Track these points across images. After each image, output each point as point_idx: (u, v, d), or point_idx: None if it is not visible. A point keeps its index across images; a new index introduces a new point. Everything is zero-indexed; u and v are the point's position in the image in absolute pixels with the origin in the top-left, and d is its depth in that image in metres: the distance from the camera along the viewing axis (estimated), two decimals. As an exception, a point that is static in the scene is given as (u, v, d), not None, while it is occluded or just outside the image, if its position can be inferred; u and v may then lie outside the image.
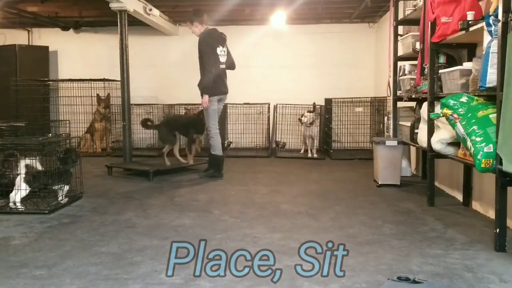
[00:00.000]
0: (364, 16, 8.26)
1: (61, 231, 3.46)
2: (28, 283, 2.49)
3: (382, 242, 3.18)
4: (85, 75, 8.36)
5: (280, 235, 3.35)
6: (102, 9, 7.21)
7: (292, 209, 4.13)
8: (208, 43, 5.45)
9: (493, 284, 2.46)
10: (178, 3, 7.50)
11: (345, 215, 3.91)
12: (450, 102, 3.34)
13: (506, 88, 2.73)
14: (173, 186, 5.19)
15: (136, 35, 8.45)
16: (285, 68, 8.94)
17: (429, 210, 4.05)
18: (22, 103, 8.05)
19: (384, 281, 2.37)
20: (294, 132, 8.36)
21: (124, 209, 4.14)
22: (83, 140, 7.94)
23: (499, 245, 2.95)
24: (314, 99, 7.92)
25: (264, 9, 7.64)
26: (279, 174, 6.07)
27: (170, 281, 2.51)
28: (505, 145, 2.76)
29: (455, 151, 3.78)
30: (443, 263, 2.76)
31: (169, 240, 3.20)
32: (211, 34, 5.54)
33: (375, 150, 5.39)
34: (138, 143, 8.39)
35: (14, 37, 9.12)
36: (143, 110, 8.46)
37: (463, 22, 3.53)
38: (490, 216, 3.71)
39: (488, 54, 2.99)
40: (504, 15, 2.79)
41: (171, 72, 9.06)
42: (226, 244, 3.13)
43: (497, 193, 2.92)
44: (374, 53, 8.73)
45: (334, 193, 4.82)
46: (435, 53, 4.18)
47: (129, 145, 6.87)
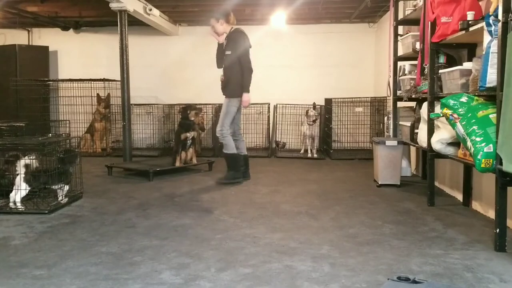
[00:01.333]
0: (364, 16, 8.26)
1: (61, 231, 3.46)
2: (28, 283, 2.49)
3: (382, 242, 3.18)
4: (85, 75, 8.37)
5: (280, 235, 3.35)
6: (102, 9, 7.21)
7: (292, 209, 4.13)
8: (246, 41, 5.34)
9: (493, 284, 2.46)
10: (178, 3, 7.50)
11: (345, 215, 3.91)
12: (450, 102, 3.34)
13: (506, 88, 2.73)
14: (173, 186, 5.19)
15: (136, 35, 8.46)
16: (285, 68, 8.94)
17: (429, 210, 4.05)
18: (22, 103, 8.05)
19: (384, 281, 2.37)
20: (294, 132, 8.37)
21: (124, 209, 4.14)
22: (83, 140, 7.94)
23: (499, 245, 2.95)
24: (314, 99, 7.92)
25: (264, 9, 7.64)
26: (279, 174, 6.07)
27: (170, 281, 2.51)
28: (505, 145, 2.76)
29: (455, 151, 3.78)
30: (443, 263, 2.76)
31: (169, 240, 3.21)
32: (246, 35, 5.42)
33: (375, 150, 5.40)
34: (138, 143, 8.39)
35: (14, 37, 9.13)
36: (143, 110, 8.47)
37: (463, 22, 3.53)
38: (490, 216, 3.71)
39: (488, 54, 2.99)
40: (504, 15, 2.79)
41: (171, 72, 9.07)
42: (226, 244, 3.13)
43: (497, 193, 2.92)
44: (374, 53, 8.73)
45: (334, 193, 4.82)
46: (435, 53, 4.18)
47: (129, 145, 6.88)
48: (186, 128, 6.16)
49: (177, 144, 6.16)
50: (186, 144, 6.16)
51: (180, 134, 6.14)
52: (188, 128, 6.17)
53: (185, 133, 6.13)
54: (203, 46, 8.95)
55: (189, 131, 6.17)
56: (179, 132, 6.17)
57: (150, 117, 8.56)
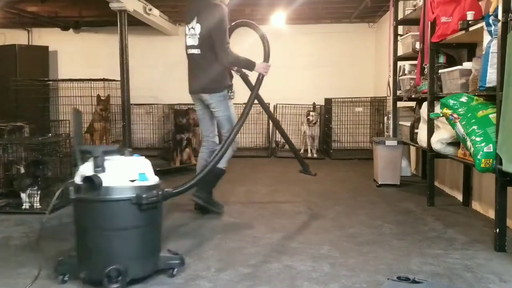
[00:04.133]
0: (364, 16, 8.26)
1: (61, 231, 3.46)
2: (28, 283, 2.49)
3: (382, 242, 3.18)
4: (85, 75, 8.34)
5: (280, 235, 3.35)
6: (102, 9, 7.19)
7: (292, 209, 4.13)
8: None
9: (492, 284, 2.46)
10: (178, 3, 7.50)
11: (345, 215, 3.91)
12: (450, 102, 3.34)
13: (506, 88, 2.73)
14: (173, 186, 5.17)
15: (136, 35, 8.44)
16: (285, 68, 8.92)
17: (429, 210, 4.05)
18: (22, 103, 8.04)
19: (384, 281, 2.37)
20: (294, 132, 8.35)
21: (124, 209, 4.13)
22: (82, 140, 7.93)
23: (499, 245, 2.95)
24: (314, 99, 7.92)
25: (264, 9, 7.64)
26: (279, 174, 6.07)
27: (170, 281, 2.51)
28: (505, 145, 2.76)
29: (455, 151, 3.78)
30: (443, 263, 2.77)
31: (169, 240, 3.21)
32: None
33: (375, 150, 5.40)
34: (138, 143, 8.38)
35: (14, 37, 9.12)
36: (143, 110, 8.46)
37: (463, 22, 3.53)
38: (490, 216, 3.71)
39: (488, 54, 2.99)
40: (504, 15, 2.79)
41: (171, 72, 9.05)
42: (226, 244, 3.13)
43: (497, 193, 2.92)
44: (374, 53, 8.72)
45: (334, 193, 4.82)
46: (435, 53, 4.18)
47: (129, 145, 6.87)
48: (180, 130, 6.43)
49: (174, 145, 6.44)
50: (182, 144, 6.38)
51: (175, 136, 6.45)
52: (181, 130, 6.39)
53: (180, 135, 6.40)
54: (203, 46, 8.98)
55: (183, 132, 6.38)
56: (174, 134, 6.51)
57: (150, 117, 8.56)
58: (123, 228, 2.38)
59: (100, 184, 2.30)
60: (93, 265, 2.38)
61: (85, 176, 2.33)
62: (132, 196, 2.34)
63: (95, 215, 2.38)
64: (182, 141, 6.35)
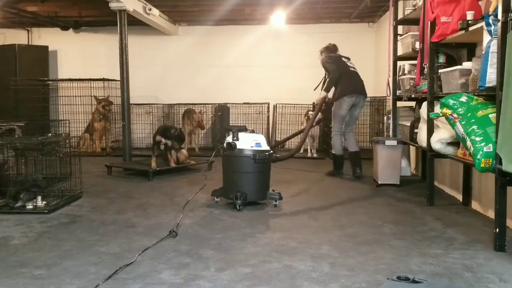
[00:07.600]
0: (364, 16, 8.26)
1: (61, 231, 3.46)
2: (28, 283, 2.49)
3: (382, 242, 3.18)
4: (85, 75, 8.36)
5: (280, 235, 3.35)
6: (102, 9, 7.20)
7: (292, 209, 4.13)
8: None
9: (492, 284, 2.47)
10: (178, 3, 7.50)
11: (345, 215, 3.91)
12: (449, 101, 3.34)
13: (505, 88, 2.73)
14: (173, 186, 5.19)
15: (135, 35, 8.45)
16: (285, 67, 8.93)
17: (429, 210, 4.06)
18: (22, 103, 8.04)
19: (383, 280, 2.37)
20: (294, 132, 8.35)
21: (124, 209, 4.14)
22: (82, 140, 7.93)
23: (499, 245, 2.95)
24: (314, 99, 7.90)
25: (263, 8, 7.64)
26: (279, 174, 6.06)
27: (170, 280, 2.51)
28: (504, 145, 2.76)
29: (454, 151, 3.78)
30: (442, 262, 2.77)
31: (169, 239, 3.21)
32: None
33: (374, 149, 5.40)
34: (138, 143, 8.38)
35: (14, 37, 9.13)
36: (143, 110, 8.47)
37: (462, 22, 3.53)
38: (490, 216, 3.71)
39: (487, 54, 2.99)
40: (504, 15, 2.79)
41: (171, 72, 9.06)
42: (226, 244, 3.13)
43: (497, 193, 2.92)
44: (373, 53, 8.72)
45: (334, 193, 4.82)
46: (434, 52, 4.18)
47: (128, 144, 6.88)
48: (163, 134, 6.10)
49: (153, 146, 6.15)
50: (160, 147, 6.05)
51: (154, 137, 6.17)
52: (164, 133, 6.08)
53: (160, 137, 6.04)
54: (203, 46, 8.97)
55: (165, 137, 6.04)
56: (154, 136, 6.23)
57: (149, 116, 8.57)
58: (246, 172, 4.14)
59: (235, 147, 4.12)
60: (230, 191, 4.18)
61: (228, 142, 4.16)
62: (252, 154, 4.11)
63: (232, 163, 4.21)
64: (160, 144, 6.01)
